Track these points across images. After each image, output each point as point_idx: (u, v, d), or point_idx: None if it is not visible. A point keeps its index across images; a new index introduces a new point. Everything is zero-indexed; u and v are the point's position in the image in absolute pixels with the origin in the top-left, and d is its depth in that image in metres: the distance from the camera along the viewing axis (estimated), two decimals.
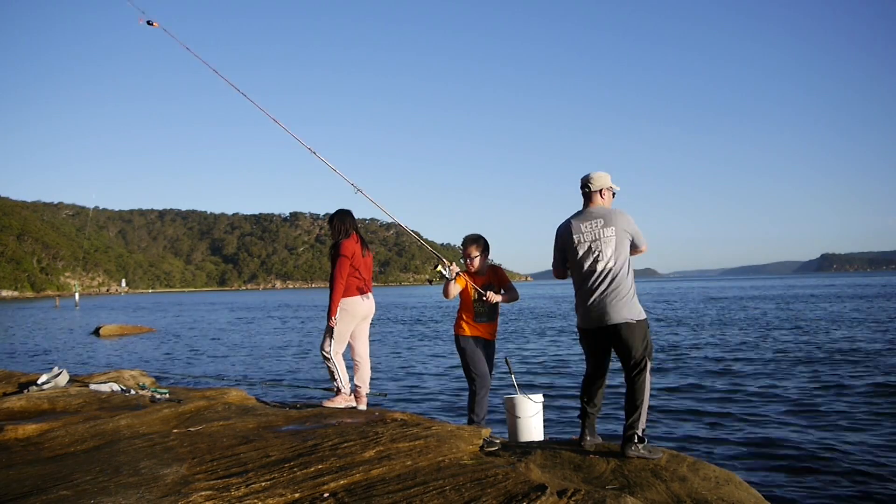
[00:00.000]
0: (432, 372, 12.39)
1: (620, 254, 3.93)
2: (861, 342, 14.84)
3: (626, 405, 3.89)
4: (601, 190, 4.06)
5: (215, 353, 17.55)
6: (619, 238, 3.93)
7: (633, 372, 3.87)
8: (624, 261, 3.94)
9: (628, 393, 3.89)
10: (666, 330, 20.10)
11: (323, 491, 2.90)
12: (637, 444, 3.79)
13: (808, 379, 10.03)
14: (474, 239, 4.83)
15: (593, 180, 4.07)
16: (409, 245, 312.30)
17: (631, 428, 3.82)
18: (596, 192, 4.07)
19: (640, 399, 3.83)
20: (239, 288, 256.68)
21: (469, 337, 4.74)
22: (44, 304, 76.96)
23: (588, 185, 4.07)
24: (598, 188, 4.06)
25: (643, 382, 3.84)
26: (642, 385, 3.84)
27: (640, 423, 3.82)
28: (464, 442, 3.69)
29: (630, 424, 3.82)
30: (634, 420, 3.81)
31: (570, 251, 4.07)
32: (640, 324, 3.89)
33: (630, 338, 3.84)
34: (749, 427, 7.05)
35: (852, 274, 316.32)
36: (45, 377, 6.06)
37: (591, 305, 3.93)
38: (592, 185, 4.06)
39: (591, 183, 4.06)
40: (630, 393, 3.88)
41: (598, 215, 4.00)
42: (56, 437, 3.93)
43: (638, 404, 3.83)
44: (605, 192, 4.08)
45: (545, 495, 2.83)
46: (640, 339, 3.86)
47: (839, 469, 5.51)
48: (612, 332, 3.89)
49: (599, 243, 3.94)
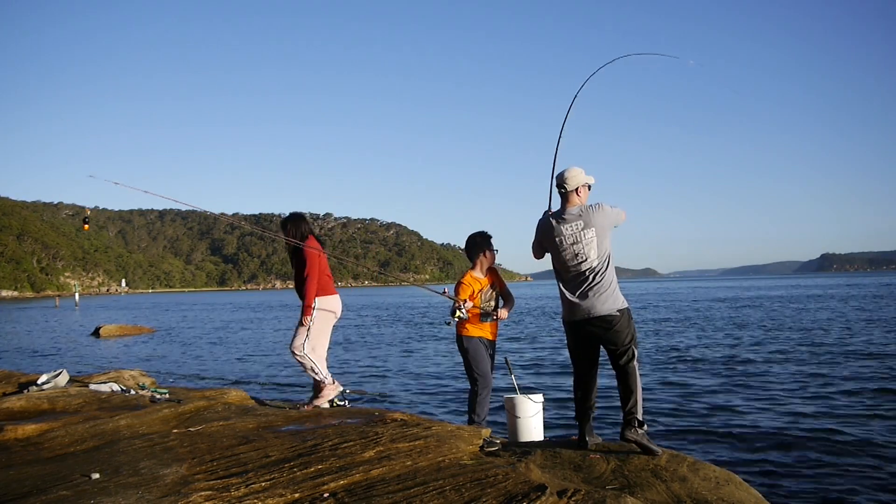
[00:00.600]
0: (432, 372, 12.39)
1: (603, 251, 3.97)
2: (873, 343, 14.80)
3: (620, 393, 3.95)
4: (577, 188, 4.08)
5: (215, 353, 17.55)
6: (601, 236, 3.96)
7: (621, 360, 3.93)
8: (606, 256, 3.98)
9: (620, 381, 3.94)
10: (669, 330, 20.11)
11: (323, 491, 2.89)
12: (637, 427, 3.82)
13: (811, 379, 10.03)
14: (490, 236, 4.97)
15: (568, 180, 4.06)
16: (409, 245, 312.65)
17: (630, 413, 3.86)
18: (572, 192, 4.08)
19: (633, 384, 3.89)
20: (239, 288, 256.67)
21: (473, 337, 4.76)
22: (44, 304, 76.98)
23: (564, 185, 4.08)
24: (574, 187, 4.07)
25: (633, 369, 3.90)
26: (633, 371, 3.90)
27: (638, 408, 3.86)
28: (464, 442, 3.69)
29: (629, 410, 3.87)
30: (632, 405, 3.87)
31: (552, 250, 4.12)
32: (624, 313, 3.95)
33: (616, 327, 3.91)
34: (749, 427, 7.05)
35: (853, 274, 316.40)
36: (45, 377, 6.06)
37: (577, 300, 4.00)
38: (568, 185, 4.06)
39: (567, 183, 4.06)
40: (622, 380, 3.93)
41: (577, 216, 4.02)
42: (56, 437, 3.93)
43: (633, 389, 3.89)
44: (580, 189, 4.09)
45: (545, 495, 2.83)
46: (626, 327, 3.93)
47: (840, 469, 5.51)
48: (597, 324, 3.95)
49: (581, 245, 3.97)
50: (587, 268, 3.96)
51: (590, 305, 3.94)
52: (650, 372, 11.16)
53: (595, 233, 3.96)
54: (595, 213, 3.99)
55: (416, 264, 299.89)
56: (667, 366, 12.01)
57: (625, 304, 4.00)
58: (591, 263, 3.95)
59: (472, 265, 4.92)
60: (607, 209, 4.02)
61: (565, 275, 4.07)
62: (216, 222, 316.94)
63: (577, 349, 4.14)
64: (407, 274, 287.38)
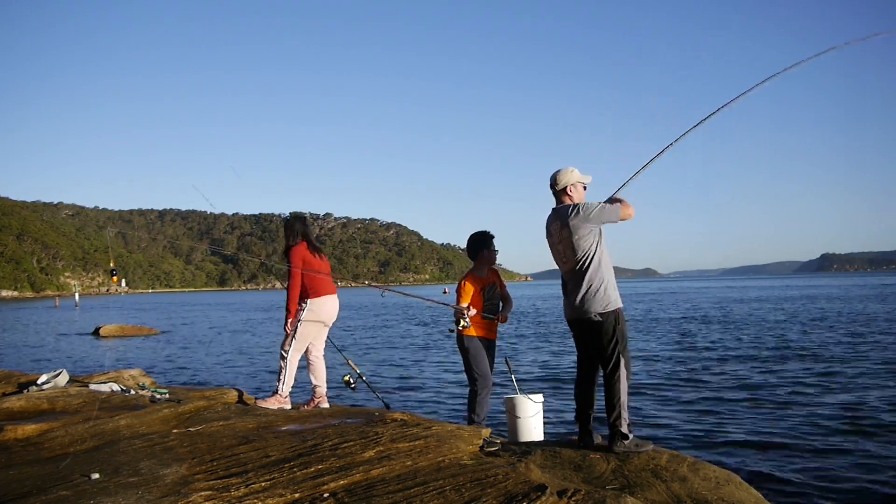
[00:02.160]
0: (432, 372, 12.39)
1: (583, 250, 3.91)
2: (883, 343, 14.77)
3: (605, 402, 3.95)
4: (566, 188, 4.07)
5: (215, 352, 17.54)
6: (580, 235, 3.90)
7: (606, 368, 3.92)
8: (589, 255, 3.92)
9: (605, 391, 3.94)
10: (672, 330, 20.11)
11: (323, 491, 2.89)
12: (622, 440, 3.84)
13: (812, 378, 10.02)
14: (492, 235, 4.99)
15: (557, 181, 4.09)
16: (409, 245, 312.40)
17: (613, 426, 3.87)
18: (562, 192, 4.08)
19: (617, 397, 3.86)
20: (239, 288, 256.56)
21: (473, 336, 4.77)
22: (43, 304, 76.96)
23: (554, 185, 4.10)
24: (563, 187, 4.07)
25: (619, 379, 3.86)
26: (618, 381, 3.86)
27: (623, 420, 3.86)
28: (464, 442, 3.69)
29: (612, 423, 3.88)
30: (615, 417, 3.87)
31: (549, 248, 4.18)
32: (608, 317, 3.89)
33: (599, 331, 3.90)
34: (750, 427, 7.04)
35: (853, 274, 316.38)
36: (45, 377, 6.05)
37: (568, 300, 4.04)
38: (557, 185, 4.08)
39: (556, 184, 4.08)
40: (606, 391, 3.93)
41: (559, 216, 4.03)
42: (56, 437, 3.93)
43: (615, 402, 3.87)
44: (570, 188, 4.07)
45: (545, 495, 2.83)
46: (609, 332, 3.88)
47: (842, 469, 5.50)
48: (585, 326, 3.97)
49: (563, 245, 3.99)
50: (568, 268, 4.00)
51: (576, 306, 3.96)
52: (654, 369, 11.16)
53: (571, 232, 3.91)
54: (573, 213, 3.93)
55: (416, 264, 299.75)
56: (669, 364, 12.01)
57: (612, 307, 3.90)
58: (571, 264, 3.97)
59: (474, 265, 4.92)
60: (588, 208, 3.91)
61: (561, 273, 4.15)
62: (216, 222, 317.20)
63: (578, 347, 4.18)
64: (407, 274, 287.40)
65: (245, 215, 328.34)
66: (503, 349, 14.18)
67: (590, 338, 3.98)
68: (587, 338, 4.02)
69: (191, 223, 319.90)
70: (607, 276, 3.95)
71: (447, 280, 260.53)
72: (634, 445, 3.83)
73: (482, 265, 4.91)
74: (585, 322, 3.94)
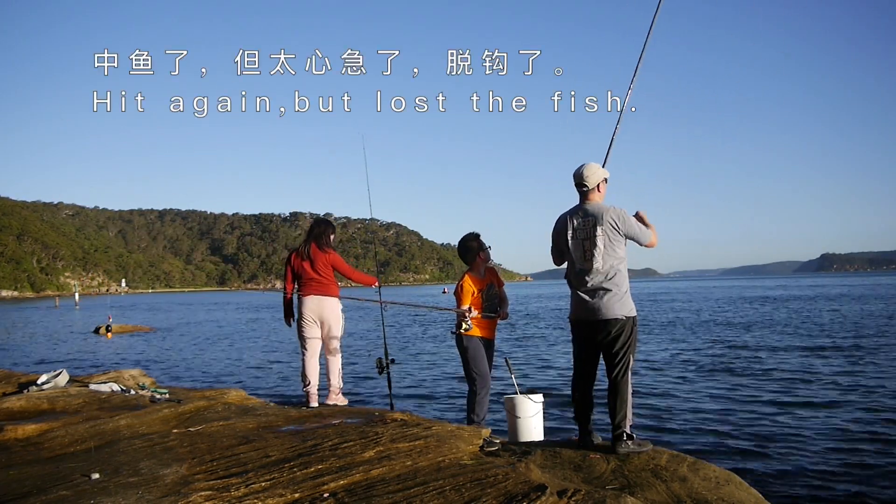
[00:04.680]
0: (432, 372, 12.38)
1: (612, 252, 3.90)
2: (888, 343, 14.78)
3: (609, 404, 3.94)
4: (598, 185, 4.02)
5: (215, 352, 17.54)
6: (611, 236, 3.90)
7: (616, 370, 3.91)
8: (616, 258, 3.91)
9: (611, 392, 3.93)
10: (673, 328, 20.11)
11: (323, 491, 2.89)
12: (626, 441, 3.84)
13: (814, 378, 10.02)
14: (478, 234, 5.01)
15: (588, 178, 3.98)
16: (409, 245, 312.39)
17: (619, 427, 3.87)
18: (593, 189, 4.01)
19: (624, 398, 3.88)
20: (239, 288, 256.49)
21: (472, 336, 4.77)
22: (43, 304, 76.92)
23: (585, 183, 3.99)
24: (595, 184, 4.00)
25: (626, 382, 3.89)
26: (625, 384, 3.88)
27: (627, 421, 3.87)
28: (464, 442, 3.69)
29: (617, 424, 3.88)
30: (620, 419, 3.87)
31: (565, 247, 4.08)
32: (630, 321, 3.92)
33: (618, 334, 3.88)
34: (750, 427, 7.04)
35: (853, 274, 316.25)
36: (45, 377, 6.06)
37: (584, 300, 3.96)
38: (589, 182, 3.98)
39: (588, 181, 3.98)
40: (612, 392, 3.92)
41: (591, 213, 3.96)
42: (56, 437, 3.93)
43: (622, 403, 3.87)
44: (601, 185, 4.04)
45: (545, 495, 2.83)
46: (627, 335, 3.90)
47: (842, 469, 5.50)
48: (601, 328, 3.92)
49: (591, 242, 3.93)
50: (595, 266, 3.91)
51: (595, 307, 3.91)
52: (658, 371, 11.15)
53: (604, 231, 3.89)
54: (610, 215, 3.91)
55: (416, 264, 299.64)
56: (670, 364, 12.00)
57: (632, 312, 3.93)
58: (599, 261, 3.90)
59: (470, 268, 4.93)
60: (625, 215, 3.94)
61: (574, 273, 4.03)
62: (216, 222, 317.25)
63: (580, 349, 4.13)
64: (407, 274, 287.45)
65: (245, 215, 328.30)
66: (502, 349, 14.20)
67: (603, 339, 3.93)
68: (599, 339, 3.96)
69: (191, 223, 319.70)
70: (628, 283, 4.00)
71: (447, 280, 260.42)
72: (637, 446, 3.84)
73: (479, 266, 4.92)
74: (602, 323, 3.89)
